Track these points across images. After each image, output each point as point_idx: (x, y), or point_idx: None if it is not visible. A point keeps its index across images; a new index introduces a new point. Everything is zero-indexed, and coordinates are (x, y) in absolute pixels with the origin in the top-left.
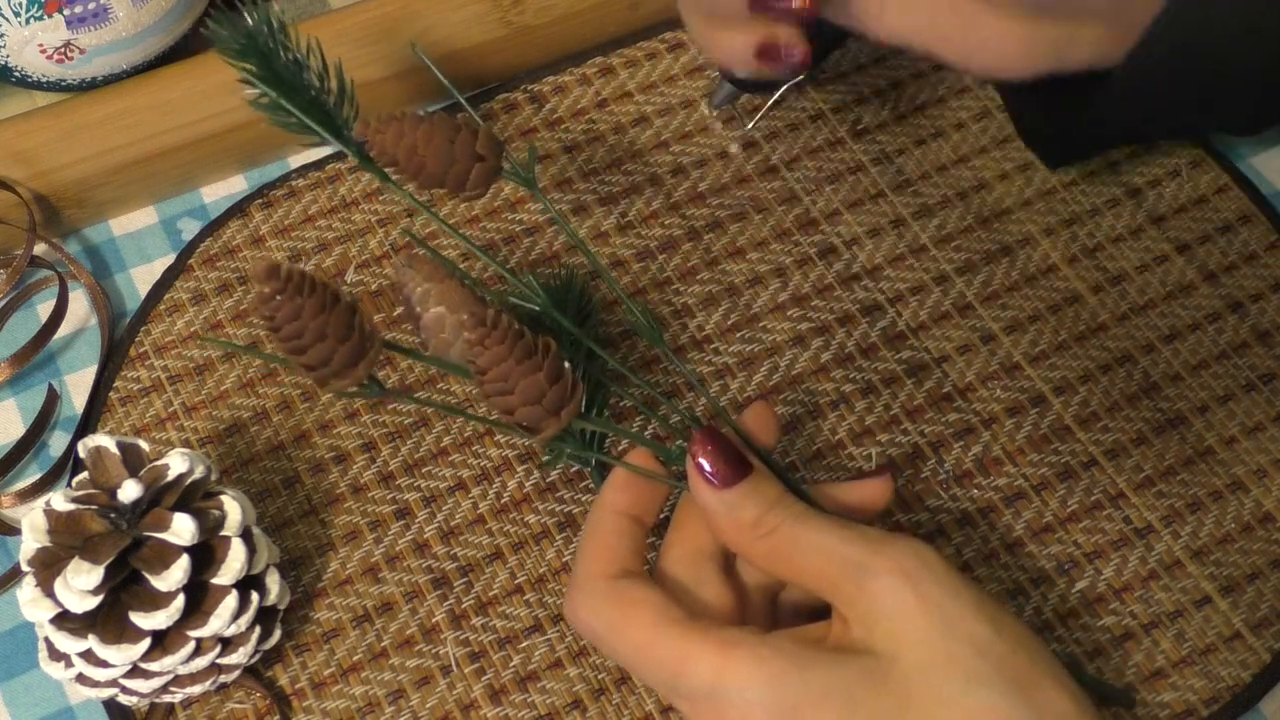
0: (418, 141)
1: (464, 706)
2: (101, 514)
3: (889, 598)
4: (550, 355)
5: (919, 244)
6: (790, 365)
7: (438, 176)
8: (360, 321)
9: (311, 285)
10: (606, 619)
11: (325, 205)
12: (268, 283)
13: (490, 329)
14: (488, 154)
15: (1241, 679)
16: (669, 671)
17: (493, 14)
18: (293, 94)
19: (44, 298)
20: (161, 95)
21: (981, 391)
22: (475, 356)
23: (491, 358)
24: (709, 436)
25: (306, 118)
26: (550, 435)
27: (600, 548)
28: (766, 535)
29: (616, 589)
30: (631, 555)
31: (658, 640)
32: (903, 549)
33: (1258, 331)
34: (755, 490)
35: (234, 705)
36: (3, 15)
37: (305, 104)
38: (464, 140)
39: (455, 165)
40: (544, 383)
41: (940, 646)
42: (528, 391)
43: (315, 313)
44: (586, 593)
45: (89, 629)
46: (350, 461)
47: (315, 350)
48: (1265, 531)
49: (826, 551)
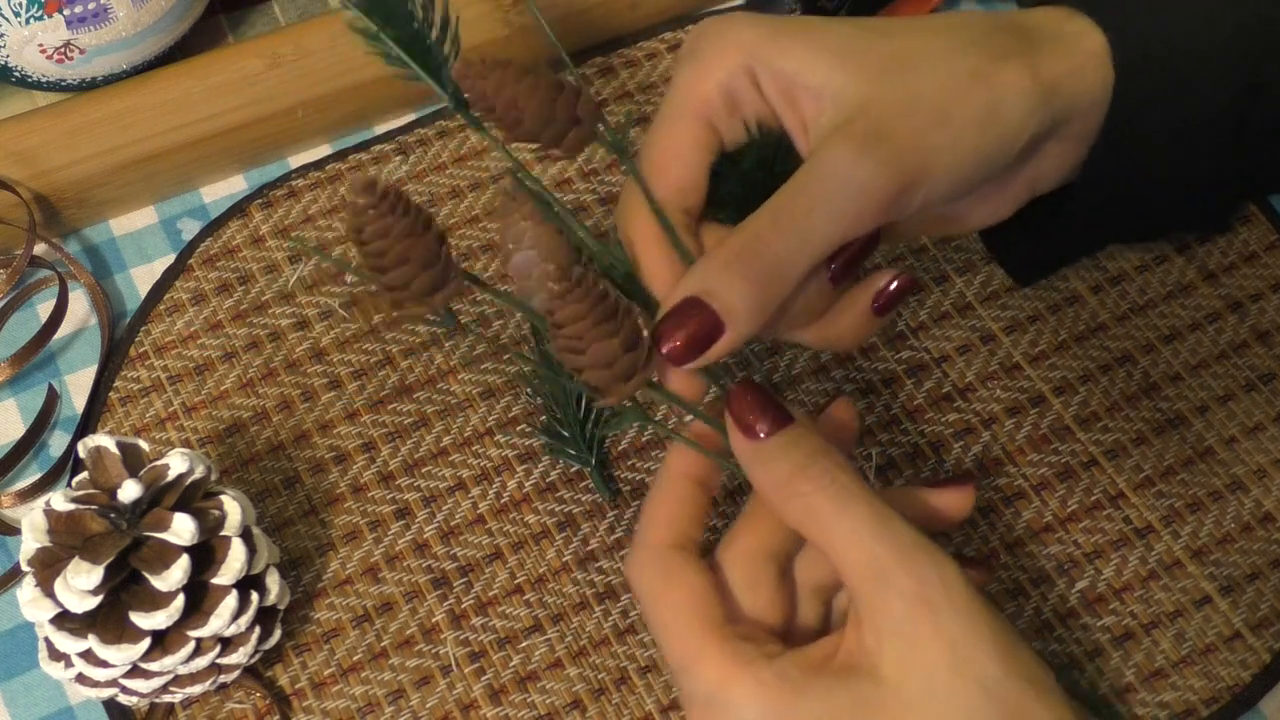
0: (519, 94)
1: (464, 706)
2: (101, 514)
3: (904, 621)
4: (630, 321)
5: (919, 244)
6: (790, 365)
7: (534, 133)
8: (446, 252)
9: (406, 207)
10: (649, 587)
11: (325, 205)
12: (362, 195)
13: (575, 284)
14: (586, 118)
15: (1241, 679)
16: (679, 663)
17: (493, 14)
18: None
19: (44, 298)
20: (161, 95)
21: (981, 391)
22: (555, 309)
23: (570, 314)
24: (746, 387)
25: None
26: (615, 400)
27: (661, 512)
28: (801, 497)
29: (668, 563)
30: (691, 522)
31: (681, 630)
32: (929, 569)
33: (1258, 331)
34: (793, 443)
35: (234, 705)
36: (3, 15)
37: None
38: (565, 100)
39: (553, 125)
40: (618, 348)
41: (945, 680)
42: (600, 354)
43: (404, 235)
44: (640, 558)
45: (89, 629)
46: (350, 461)
47: (398, 272)
48: (1265, 531)
49: (856, 539)
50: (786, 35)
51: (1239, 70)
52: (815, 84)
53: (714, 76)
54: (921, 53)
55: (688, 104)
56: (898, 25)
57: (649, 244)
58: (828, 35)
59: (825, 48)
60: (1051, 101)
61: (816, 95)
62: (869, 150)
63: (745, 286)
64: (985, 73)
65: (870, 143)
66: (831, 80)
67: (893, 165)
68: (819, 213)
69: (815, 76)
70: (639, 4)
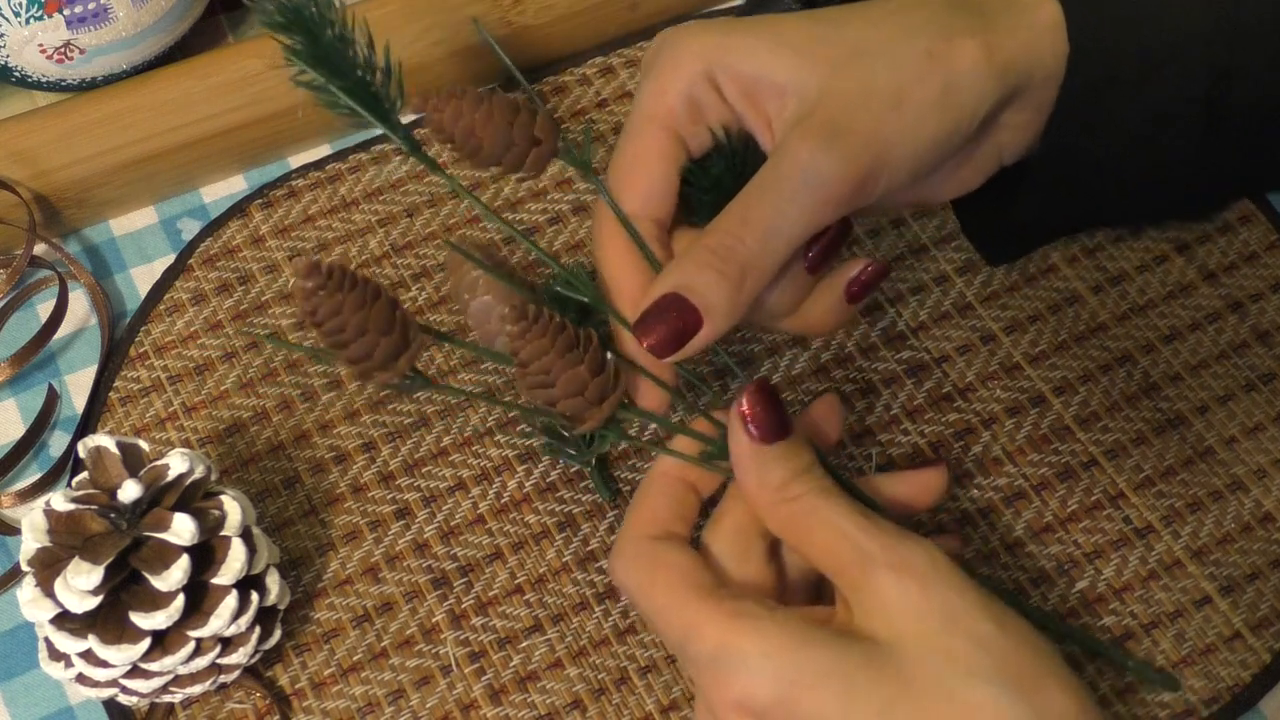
0: (476, 122)
1: (464, 706)
2: (101, 514)
3: (893, 591)
4: (592, 348)
5: (919, 244)
6: (790, 365)
7: (494, 157)
8: (402, 316)
9: (353, 280)
10: (636, 579)
11: (325, 205)
12: (309, 278)
13: (532, 322)
14: (545, 137)
15: (1241, 679)
16: (680, 635)
17: (493, 14)
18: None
19: (44, 298)
20: (161, 95)
21: (981, 391)
22: (517, 349)
23: (533, 351)
24: (762, 388)
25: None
26: (592, 426)
27: (644, 508)
28: (788, 501)
29: (651, 550)
30: (675, 518)
31: (674, 604)
32: (914, 549)
33: (1258, 331)
34: (790, 453)
35: (234, 705)
36: (3, 15)
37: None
38: (523, 122)
39: (513, 148)
40: (586, 375)
41: (942, 641)
42: (570, 384)
43: (356, 308)
44: (624, 551)
45: (89, 629)
46: (350, 461)
47: (357, 345)
48: (1265, 531)
49: (841, 534)
50: (742, 36)
51: (1209, 51)
52: (777, 81)
53: (675, 87)
54: (876, 39)
55: (651, 117)
56: (852, 12)
57: (620, 255)
58: (783, 31)
59: (782, 44)
60: (1006, 77)
61: (779, 92)
62: (829, 144)
63: (721, 282)
64: (939, 53)
65: (830, 136)
66: (792, 76)
67: (853, 157)
68: (786, 208)
69: (776, 74)
70: (639, 4)
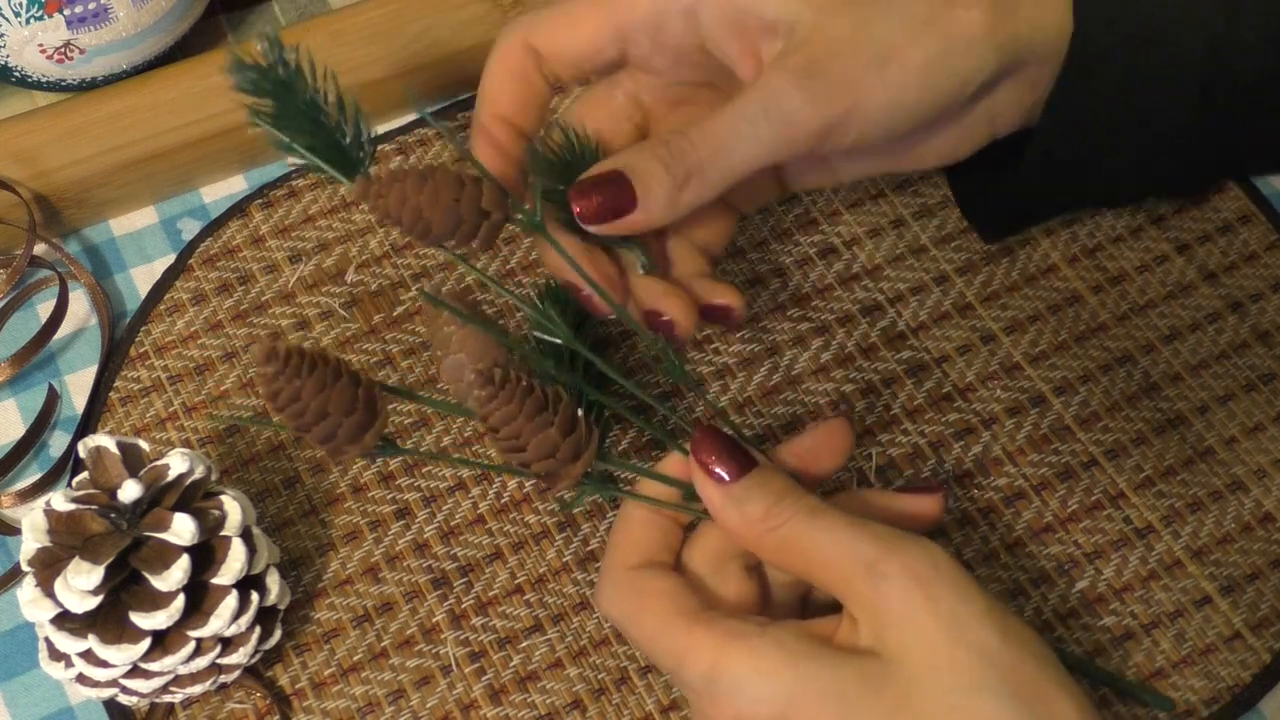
0: (423, 203)
1: (464, 706)
2: (101, 514)
3: (899, 601)
4: (561, 408)
5: (919, 244)
6: (790, 365)
7: (446, 235)
8: (363, 392)
9: (311, 363)
10: (623, 609)
11: (325, 205)
12: (267, 365)
13: (499, 388)
14: (494, 208)
15: (1241, 679)
16: (674, 661)
17: (493, 14)
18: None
19: (44, 298)
20: (161, 95)
21: (981, 391)
22: (486, 415)
23: (502, 416)
24: (709, 433)
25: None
26: (567, 485)
27: (625, 538)
28: (776, 529)
29: (635, 579)
30: (657, 547)
31: (666, 630)
32: (915, 551)
33: (1258, 331)
34: (762, 483)
35: (234, 705)
36: (3, 15)
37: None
38: (470, 196)
39: (463, 224)
40: (556, 436)
41: (945, 652)
42: (541, 446)
43: (316, 391)
44: (608, 582)
45: (89, 629)
46: (350, 461)
47: (322, 426)
48: (1265, 531)
49: (839, 548)
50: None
51: (1207, 24)
52: (766, 16)
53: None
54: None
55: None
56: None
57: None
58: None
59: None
60: (1007, 49)
61: (768, 28)
62: (801, 82)
63: (665, 176)
64: (940, 20)
65: (805, 75)
66: (783, 12)
67: (823, 101)
68: (744, 131)
69: (765, 8)
70: None
